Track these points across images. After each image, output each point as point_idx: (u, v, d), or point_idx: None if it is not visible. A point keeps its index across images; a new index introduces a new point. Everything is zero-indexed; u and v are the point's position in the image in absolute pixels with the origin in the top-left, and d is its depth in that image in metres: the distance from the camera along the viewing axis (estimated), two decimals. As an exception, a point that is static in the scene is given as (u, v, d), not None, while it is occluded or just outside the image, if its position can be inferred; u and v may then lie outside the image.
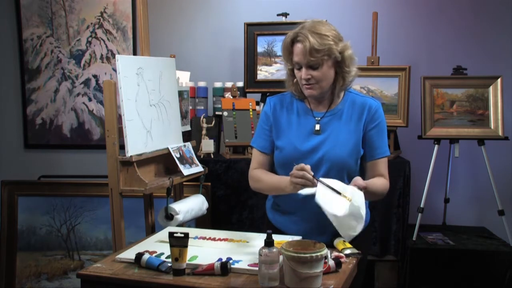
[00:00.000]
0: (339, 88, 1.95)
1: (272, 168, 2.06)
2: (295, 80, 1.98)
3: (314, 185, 1.77)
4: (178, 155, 2.35)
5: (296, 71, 1.94)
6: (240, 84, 3.20)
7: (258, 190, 2.06)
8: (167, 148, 2.33)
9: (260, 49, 3.17)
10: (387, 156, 1.98)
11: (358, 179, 1.81)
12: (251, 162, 2.08)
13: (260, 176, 2.02)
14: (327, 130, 1.94)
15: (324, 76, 1.88)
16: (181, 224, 2.26)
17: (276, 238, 1.67)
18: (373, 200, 2.00)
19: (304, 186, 1.78)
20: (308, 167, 1.78)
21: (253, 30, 3.14)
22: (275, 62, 3.17)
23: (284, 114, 2.02)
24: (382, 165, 1.96)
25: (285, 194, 1.93)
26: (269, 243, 1.55)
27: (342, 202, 1.74)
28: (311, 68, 1.87)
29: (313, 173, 1.78)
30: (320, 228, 1.91)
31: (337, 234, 1.87)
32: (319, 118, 1.96)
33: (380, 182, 1.94)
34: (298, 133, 1.97)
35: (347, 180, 1.89)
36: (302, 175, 1.77)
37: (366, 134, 1.94)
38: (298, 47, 1.87)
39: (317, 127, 1.95)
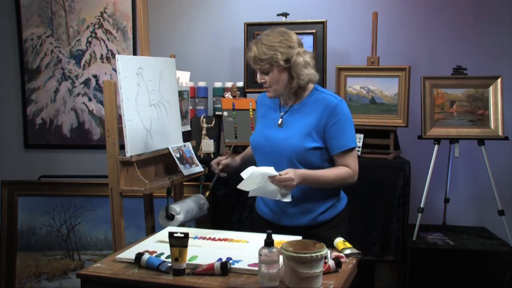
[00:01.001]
0: (294, 89, 2.06)
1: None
2: None
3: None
4: (178, 155, 2.35)
5: None
6: (240, 84, 3.20)
7: None
8: (167, 148, 2.33)
9: (260, 49, 3.17)
10: (353, 148, 2.06)
11: (289, 170, 1.93)
12: None
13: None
14: (288, 123, 2.09)
15: (274, 80, 2.03)
16: (181, 224, 2.26)
17: (276, 238, 1.67)
18: (330, 186, 2.08)
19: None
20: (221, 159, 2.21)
21: (253, 30, 3.14)
22: (275, 62, 3.16)
23: (265, 108, 2.21)
24: (347, 157, 2.05)
25: None
26: (269, 243, 1.55)
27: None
28: (263, 73, 2.04)
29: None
30: (287, 213, 2.08)
31: (315, 219, 2.05)
32: (283, 113, 2.11)
33: (333, 171, 2.02)
34: (268, 125, 2.14)
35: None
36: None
37: (327, 130, 2.03)
38: (248, 55, 2.07)
39: (280, 121, 2.11)
